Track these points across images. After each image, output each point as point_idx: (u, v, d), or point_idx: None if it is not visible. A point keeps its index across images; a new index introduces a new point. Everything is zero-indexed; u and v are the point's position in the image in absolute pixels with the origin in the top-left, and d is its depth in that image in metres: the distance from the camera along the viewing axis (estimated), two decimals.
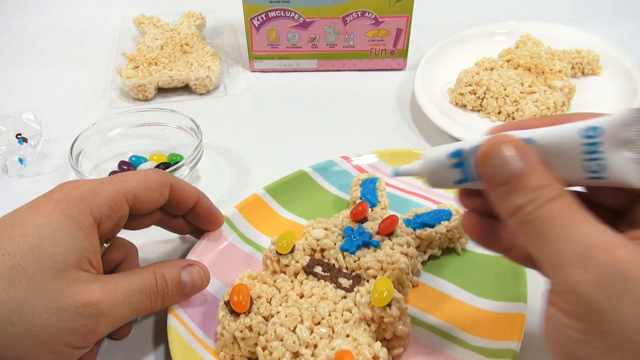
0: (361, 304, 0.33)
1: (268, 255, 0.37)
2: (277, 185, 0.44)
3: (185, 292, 0.34)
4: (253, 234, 0.42)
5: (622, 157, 0.22)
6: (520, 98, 0.53)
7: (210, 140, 0.54)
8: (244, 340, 0.32)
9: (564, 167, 0.23)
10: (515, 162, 0.23)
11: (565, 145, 0.23)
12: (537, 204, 0.22)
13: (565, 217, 0.21)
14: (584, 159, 0.22)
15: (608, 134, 0.21)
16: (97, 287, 0.29)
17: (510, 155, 0.23)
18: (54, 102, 0.62)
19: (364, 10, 0.60)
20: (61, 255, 0.28)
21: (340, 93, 0.62)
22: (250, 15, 0.60)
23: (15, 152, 0.52)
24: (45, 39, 0.75)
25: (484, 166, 0.24)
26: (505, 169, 0.23)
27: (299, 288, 0.35)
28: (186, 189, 0.37)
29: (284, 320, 0.32)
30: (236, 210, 0.42)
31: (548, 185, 0.22)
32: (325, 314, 0.33)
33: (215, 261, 0.39)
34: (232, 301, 0.32)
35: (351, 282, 0.35)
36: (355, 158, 0.47)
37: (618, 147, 0.21)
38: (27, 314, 0.27)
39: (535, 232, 0.22)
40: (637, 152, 0.21)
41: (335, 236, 0.38)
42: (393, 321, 0.31)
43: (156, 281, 0.32)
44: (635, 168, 0.22)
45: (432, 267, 0.39)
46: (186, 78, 0.60)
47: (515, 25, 0.66)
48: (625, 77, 0.57)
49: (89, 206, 0.31)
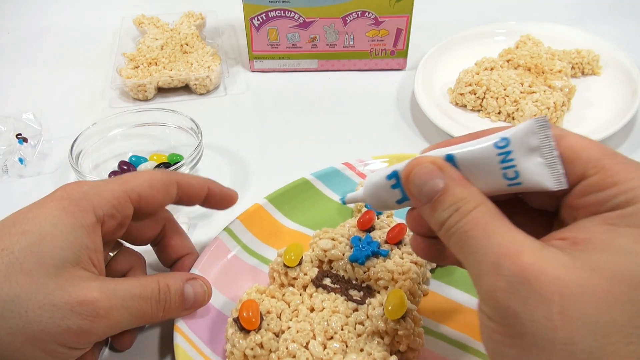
0: (374, 316, 0.32)
1: (275, 268, 0.36)
2: (279, 194, 0.43)
3: (187, 305, 0.34)
4: (257, 245, 0.41)
5: (533, 163, 0.23)
6: (520, 98, 0.53)
7: (210, 140, 0.54)
8: (255, 358, 0.31)
9: (487, 178, 0.24)
10: (435, 180, 0.24)
11: (484, 157, 0.24)
12: (458, 216, 0.23)
13: (482, 228, 0.22)
14: (502, 168, 0.24)
15: (517, 142, 0.23)
16: (95, 286, 0.29)
17: (429, 173, 0.24)
18: (54, 102, 0.62)
19: (364, 10, 0.60)
20: (60, 252, 0.28)
21: (340, 93, 0.62)
22: (250, 15, 0.60)
23: (15, 152, 0.52)
24: (45, 39, 0.75)
25: (408, 186, 0.26)
26: (426, 187, 0.24)
27: (309, 302, 0.34)
28: (194, 183, 0.36)
29: (295, 336, 0.31)
30: (239, 221, 0.41)
31: (466, 197, 0.24)
32: (337, 328, 0.32)
33: (220, 275, 0.37)
34: (241, 318, 0.31)
35: (362, 293, 0.35)
36: (359, 165, 0.46)
37: (528, 154, 0.23)
38: (21, 309, 0.27)
39: (459, 244, 0.23)
40: (545, 157, 0.23)
41: (343, 246, 0.37)
42: (408, 334, 0.31)
43: (159, 289, 0.32)
44: (546, 171, 0.23)
45: (441, 275, 0.38)
46: (186, 78, 0.60)
47: (515, 25, 0.66)
48: (625, 77, 0.57)
49: (91, 204, 0.30)
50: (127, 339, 0.34)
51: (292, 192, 0.44)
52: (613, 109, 0.54)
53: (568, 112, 0.54)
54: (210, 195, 0.37)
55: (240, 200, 0.47)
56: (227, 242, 0.40)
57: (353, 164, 0.46)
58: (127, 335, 0.34)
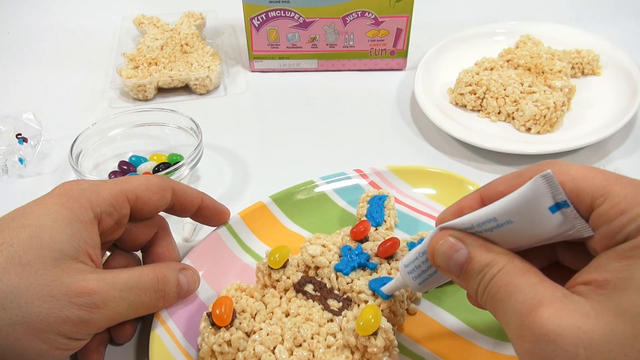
0: (346, 329, 0.31)
1: (260, 268, 0.36)
2: (284, 194, 0.43)
3: (181, 295, 0.34)
4: (254, 243, 0.41)
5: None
6: (520, 98, 0.53)
7: (210, 140, 0.54)
8: (222, 354, 0.31)
9: (515, 238, 0.24)
10: (459, 252, 0.25)
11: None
12: (485, 282, 0.23)
13: (506, 289, 0.22)
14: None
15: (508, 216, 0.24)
16: (93, 278, 0.29)
17: (452, 247, 0.25)
18: (54, 102, 0.62)
19: (364, 10, 0.60)
20: (59, 245, 0.29)
21: (340, 93, 0.62)
22: (250, 15, 0.60)
23: (15, 152, 0.52)
24: (45, 39, 0.75)
25: (436, 264, 0.26)
26: (452, 261, 0.25)
27: (286, 306, 0.34)
28: (189, 193, 0.37)
29: (264, 339, 0.31)
30: (239, 217, 0.41)
31: (491, 261, 0.23)
32: (307, 336, 0.31)
33: (211, 268, 0.38)
34: (213, 314, 0.31)
35: (341, 304, 0.34)
36: (370, 172, 0.45)
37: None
38: (20, 300, 0.27)
39: (492, 309, 0.23)
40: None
41: (331, 254, 0.36)
42: (377, 352, 0.29)
43: (157, 279, 0.32)
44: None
45: (434, 295, 0.37)
46: (186, 78, 0.60)
47: (515, 25, 0.66)
48: (625, 77, 0.57)
49: (89, 201, 0.31)
50: (127, 331, 0.34)
51: (297, 194, 0.43)
52: (613, 109, 0.54)
53: (568, 112, 0.54)
54: (203, 208, 0.38)
55: (239, 200, 0.48)
56: (224, 235, 0.40)
57: (366, 172, 0.45)
58: (127, 327, 0.34)
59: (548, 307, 0.20)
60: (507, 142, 0.50)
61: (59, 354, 0.29)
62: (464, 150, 0.52)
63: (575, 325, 0.19)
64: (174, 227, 0.39)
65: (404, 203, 0.44)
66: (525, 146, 0.49)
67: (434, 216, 0.43)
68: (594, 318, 0.19)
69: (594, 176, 0.23)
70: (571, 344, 0.19)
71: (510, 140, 0.51)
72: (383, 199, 0.42)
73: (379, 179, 0.45)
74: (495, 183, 0.26)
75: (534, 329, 0.20)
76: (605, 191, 0.22)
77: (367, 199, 0.42)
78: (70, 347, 0.29)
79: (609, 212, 0.22)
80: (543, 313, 0.20)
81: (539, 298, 0.21)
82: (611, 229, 0.21)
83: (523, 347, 0.20)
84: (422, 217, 0.43)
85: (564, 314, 0.20)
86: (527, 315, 0.20)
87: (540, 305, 0.20)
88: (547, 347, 0.20)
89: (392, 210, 0.42)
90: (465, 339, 0.34)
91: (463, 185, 0.43)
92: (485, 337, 0.34)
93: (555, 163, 0.24)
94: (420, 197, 0.44)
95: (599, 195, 0.22)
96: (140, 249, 0.38)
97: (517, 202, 0.23)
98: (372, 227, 0.40)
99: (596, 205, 0.22)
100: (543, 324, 0.20)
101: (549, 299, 0.21)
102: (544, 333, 0.20)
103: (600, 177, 0.22)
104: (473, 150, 0.52)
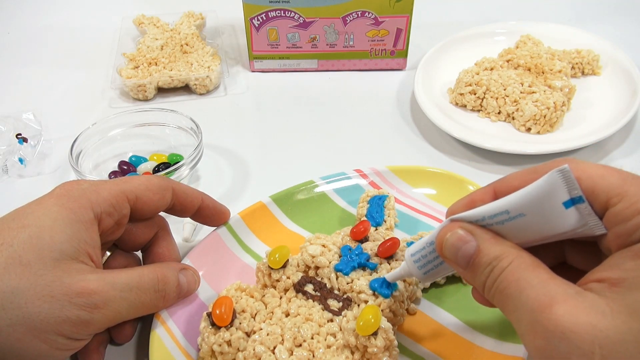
0: (346, 329, 0.31)
1: (260, 268, 0.36)
2: (284, 194, 0.43)
3: (181, 295, 0.34)
4: (254, 243, 0.41)
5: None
6: (520, 98, 0.53)
7: (210, 140, 0.54)
8: (222, 354, 0.31)
9: (524, 232, 0.24)
10: (467, 244, 0.24)
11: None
12: (494, 276, 0.23)
13: (516, 284, 0.22)
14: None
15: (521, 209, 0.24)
16: (93, 278, 0.29)
17: (461, 239, 0.25)
18: (54, 102, 0.62)
19: (364, 10, 0.60)
20: (59, 245, 0.29)
21: (340, 93, 0.62)
22: (250, 15, 0.60)
23: (15, 152, 0.52)
24: (45, 39, 0.75)
25: (444, 256, 0.26)
26: (460, 253, 0.25)
27: (286, 306, 0.34)
28: (189, 193, 0.37)
29: (264, 339, 0.31)
30: (239, 217, 0.41)
31: (500, 254, 0.23)
32: (307, 336, 0.31)
33: (211, 268, 0.38)
34: (213, 313, 0.31)
35: (341, 304, 0.34)
36: (370, 172, 0.45)
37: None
38: (20, 301, 0.27)
39: (501, 304, 0.23)
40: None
41: (331, 254, 0.36)
42: (377, 352, 0.29)
43: (158, 280, 0.32)
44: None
45: (434, 295, 0.37)
46: (186, 78, 0.60)
47: (515, 25, 0.66)
48: (625, 77, 0.57)
49: (89, 201, 0.31)
50: (127, 331, 0.34)
51: (297, 194, 0.43)
52: (613, 109, 0.54)
53: (568, 112, 0.54)
54: (203, 208, 0.38)
55: (239, 200, 0.48)
56: (224, 235, 0.40)
57: (366, 172, 0.45)
58: (127, 327, 0.34)
59: (562, 304, 0.20)
60: (507, 142, 0.50)
61: (59, 354, 0.29)
62: (464, 150, 0.52)
63: (591, 323, 0.19)
64: (174, 227, 0.39)
65: (404, 203, 0.44)
66: (525, 146, 0.49)
67: (434, 216, 0.43)
68: (610, 316, 0.19)
69: (610, 175, 0.23)
70: (587, 342, 0.19)
71: (510, 140, 0.51)
72: (383, 199, 0.42)
73: (379, 179, 0.45)
74: (510, 178, 0.26)
75: (548, 326, 0.20)
76: (622, 190, 0.22)
77: (367, 199, 0.42)
78: (70, 347, 0.29)
79: (624, 211, 0.22)
80: (558, 310, 0.20)
81: (552, 294, 0.21)
82: (627, 228, 0.21)
83: (535, 344, 0.20)
84: (422, 217, 0.43)
85: (579, 311, 0.20)
86: (541, 311, 0.20)
87: (555, 302, 0.20)
88: (561, 344, 0.19)
89: (392, 210, 0.42)
90: (465, 339, 0.34)
91: (463, 185, 0.43)
92: (486, 337, 0.34)
93: (572, 160, 0.24)
94: (420, 197, 0.44)
95: (615, 194, 0.22)
96: (140, 249, 0.38)
97: (532, 195, 0.23)
98: (372, 227, 0.39)
99: (612, 204, 0.22)
100: (558, 320, 0.20)
101: (563, 295, 0.20)
102: (558, 330, 0.20)
103: (616, 176, 0.22)
104: (473, 150, 0.52)
